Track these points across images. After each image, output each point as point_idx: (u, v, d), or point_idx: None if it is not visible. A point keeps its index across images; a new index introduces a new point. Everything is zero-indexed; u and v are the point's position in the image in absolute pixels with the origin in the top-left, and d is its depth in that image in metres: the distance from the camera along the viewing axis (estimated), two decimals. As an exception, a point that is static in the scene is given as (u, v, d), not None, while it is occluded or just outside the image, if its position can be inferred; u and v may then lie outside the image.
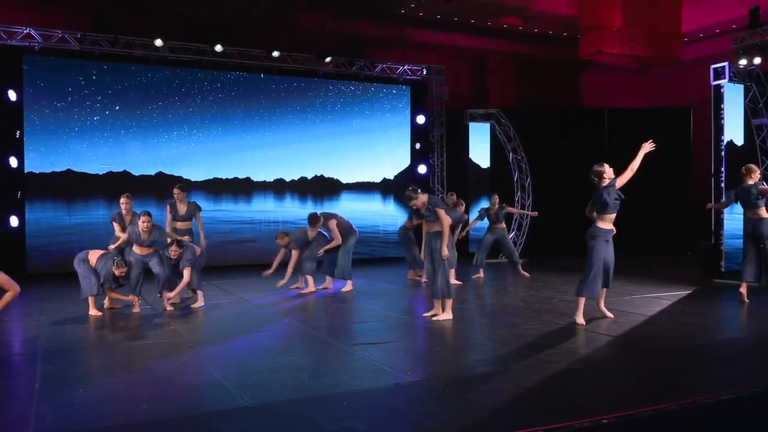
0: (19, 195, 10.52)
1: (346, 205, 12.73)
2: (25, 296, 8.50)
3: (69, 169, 10.88)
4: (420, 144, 13.54)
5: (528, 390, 4.33)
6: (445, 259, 6.59)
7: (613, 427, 3.69)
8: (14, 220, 10.44)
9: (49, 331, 6.40)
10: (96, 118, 11.04)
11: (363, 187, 13.16)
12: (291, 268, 8.74)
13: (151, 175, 11.43)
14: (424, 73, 13.35)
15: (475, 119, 13.43)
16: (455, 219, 9.45)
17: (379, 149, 13.30)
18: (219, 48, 11.40)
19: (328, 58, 12.25)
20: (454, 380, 4.57)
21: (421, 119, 13.48)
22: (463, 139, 13.56)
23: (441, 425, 3.67)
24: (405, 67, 13.21)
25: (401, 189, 10.95)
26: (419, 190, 6.82)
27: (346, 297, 8.54)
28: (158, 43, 10.96)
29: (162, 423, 3.79)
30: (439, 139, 13.42)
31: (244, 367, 4.94)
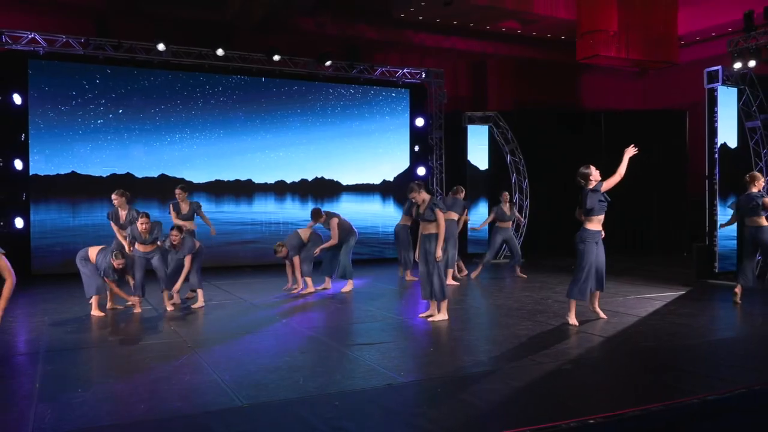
0: (24, 197, 10.66)
1: (346, 206, 12.84)
2: (29, 296, 8.70)
3: (73, 172, 11.03)
4: (419, 146, 13.62)
5: (518, 390, 4.38)
6: (439, 261, 6.69)
7: (600, 427, 3.71)
8: (19, 222, 10.56)
9: (51, 332, 6.45)
10: (99, 122, 11.19)
11: (363, 189, 13.28)
12: (299, 275, 8.95)
13: (154, 178, 11.58)
14: (423, 77, 13.41)
15: (473, 122, 13.52)
16: (463, 207, 9.84)
17: (378, 151, 13.40)
18: (220, 52, 11.50)
19: (329, 62, 12.34)
20: (447, 380, 4.62)
21: (420, 122, 13.57)
22: (462, 142, 13.63)
23: (430, 424, 3.72)
24: (404, 71, 13.27)
25: (401, 190, 11.09)
26: (423, 189, 6.90)
27: (345, 297, 8.60)
28: (161, 47, 11.07)
29: (157, 422, 3.84)
30: (438, 142, 13.49)
31: (242, 368, 4.98)
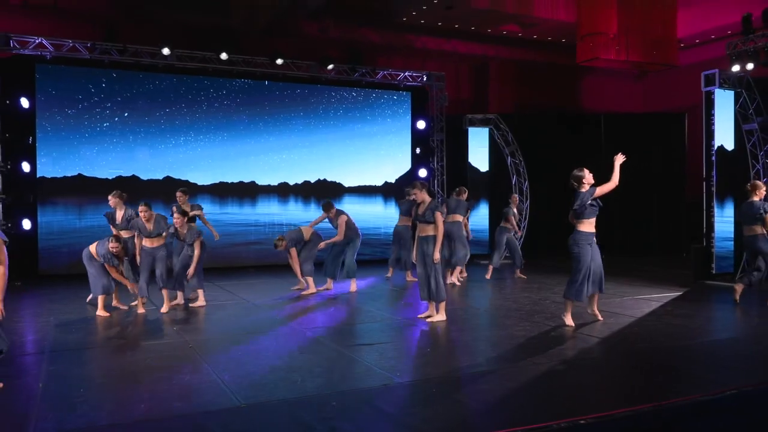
0: (31, 199, 10.80)
1: (349, 207, 12.81)
2: (36, 297, 8.87)
3: (80, 174, 11.18)
4: (420, 148, 13.72)
5: (513, 391, 4.43)
6: (436, 263, 6.81)
7: (591, 428, 3.76)
8: (27, 223, 10.69)
9: (57, 332, 6.54)
10: (105, 125, 11.34)
11: (365, 191, 13.40)
12: (297, 267, 8.99)
13: (159, 180, 11.72)
14: (425, 80, 13.49)
15: (474, 124, 13.63)
16: (466, 208, 9.95)
17: (380, 153, 13.52)
18: (224, 56, 11.61)
19: (331, 66, 12.45)
20: (442, 381, 4.69)
21: (421, 124, 13.66)
22: (463, 144, 13.75)
23: (423, 424, 3.80)
24: (406, 74, 13.36)
25: (402, 192, 11.19)
26: (425, 189, 6.97)
27: (346, 298, 8.68)
28: (166, 51, 11.18)
29: (155, 422, 3.91)
30: (439, 144, 13.58)
31: (241, 368, 5.05)
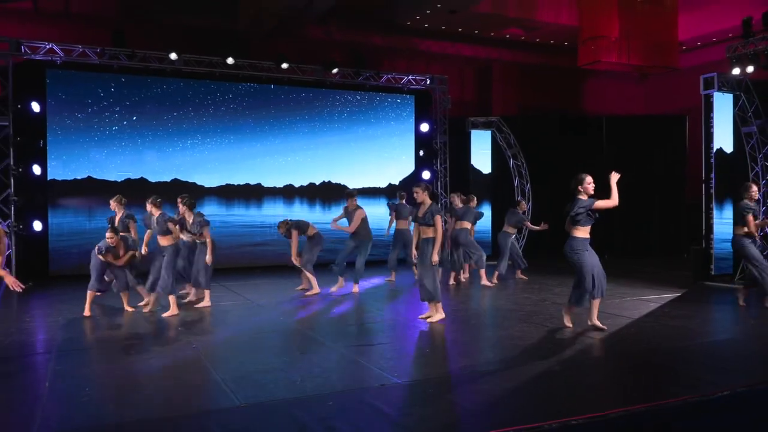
0: (42, 201, 11.00)
1: (353, 209, 13.12)
2: (46, 297, 9.07)
3: (89, 177, 11.38)
4: (424, 151, 13.82)
5: (509, 391, 4.49)
6: (434, 265, 6.93)
7: (583, 428, 3.79)
8: (38, 225, 10.88)
9: (65, 332, 6.68)
10: (114, 128, 11.55)
11: (369, 192, 13.51)
12: (294, 249, 8.97)
13: (167, 182, 11.91)
14: (428, 83, 13.60)
15: (476, 127, 13.75)
16: (475, 216, 9.98)
17: (384, 156, 13.66)
18: (231, 60, 11.77)
19: (335, 69, 12.57)
20: (439, 381, 4.76)
21: (424, 127, 13.77)
22: (466, 146, 13.86)
23: (418, 424, 3.88)
24: (409, 77, 13.48)
25: (406, 194, 11.31)
26: (428, 192, 7.07)
27: (348, 299, 8.77)
28: (173, 56, 11.37)
29: (154, 422, 3.97)
30: (442, 146, 13.68)
31: (242, 367, 5.14)
